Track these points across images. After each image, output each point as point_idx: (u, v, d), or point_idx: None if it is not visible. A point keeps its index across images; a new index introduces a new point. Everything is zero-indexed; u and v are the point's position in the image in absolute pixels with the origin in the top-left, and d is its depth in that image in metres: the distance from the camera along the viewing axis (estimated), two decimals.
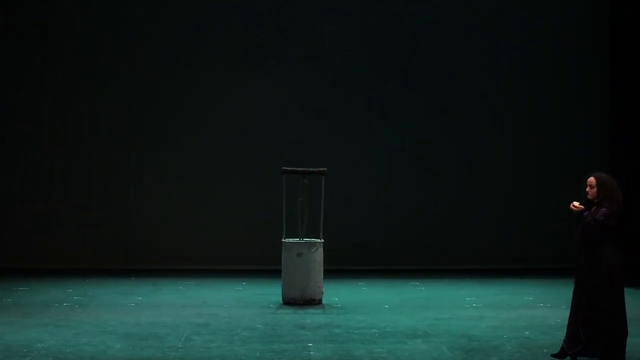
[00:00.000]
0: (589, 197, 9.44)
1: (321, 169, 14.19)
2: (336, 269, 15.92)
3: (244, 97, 18.06)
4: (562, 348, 9.74)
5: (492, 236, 18.20)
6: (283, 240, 13.90)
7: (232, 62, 18.09)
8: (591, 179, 9.45)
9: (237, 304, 13.76)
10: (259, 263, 17.34)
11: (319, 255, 13.68)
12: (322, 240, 13.86)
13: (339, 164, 17.22)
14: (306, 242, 13.76)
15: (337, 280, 15.61)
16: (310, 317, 12.54)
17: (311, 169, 14.19)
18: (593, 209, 9.43)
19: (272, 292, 14.61)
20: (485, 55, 18.37)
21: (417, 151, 18.22)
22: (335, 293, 14.56)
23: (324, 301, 13.70)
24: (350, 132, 18.12)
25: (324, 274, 13.75)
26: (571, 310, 9.66)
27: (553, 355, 9.82)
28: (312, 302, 13.57)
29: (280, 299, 13.83)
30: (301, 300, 13.56)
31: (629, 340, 9.51)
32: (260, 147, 17.96)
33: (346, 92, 18.18)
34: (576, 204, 9.51)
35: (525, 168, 18.42)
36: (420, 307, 13.54)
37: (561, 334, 11.06)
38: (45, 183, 17.87)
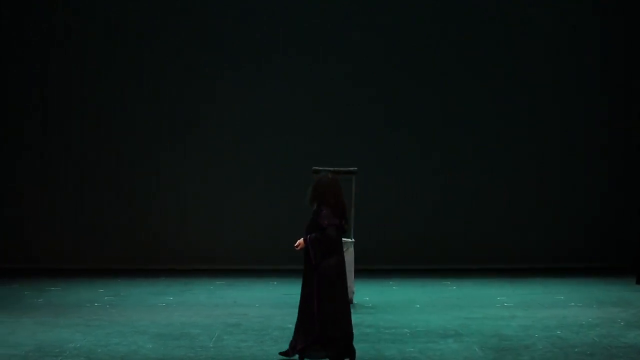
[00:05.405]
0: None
1: (351, 168, 14.14)
2: (367, 269, 15.91)
3: (270, 97, 18.06)
4: (290, 346, 9.56)
5: (523, 235, 18.13)
6: None
7: (255, 61, 18.08)
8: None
9: (268, 303, 13.76)
10: (290, 263, 17.31)
11: (350, 255, 13.62)
12: (353, 240, 13.84)
13: (370, 164, 17.16)
14: None
15: (368, 280, 15.59)
16: None
17: (342, 169, 14.13)
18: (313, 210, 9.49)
19: None
20: (507, 57, 18.30)
21: (445, 150, 18.17)
22: (366, 293, 14.54)
23: (355, 301, 13.65)
24: (379, 131, 18.08)
25: (354, 274, 13.73)
26: (299, 309, 9.50)
27: (281, 354, 9.63)
28: None
29: None
30: None
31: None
32: (287, 147, 17.95)
33: (372, 93, 18.14)
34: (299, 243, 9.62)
35: (551, 168, 18.34)
36: (451, 306, 13.49)
37: (593, 333, 11.03)
38: (76, 184, 17.94)
